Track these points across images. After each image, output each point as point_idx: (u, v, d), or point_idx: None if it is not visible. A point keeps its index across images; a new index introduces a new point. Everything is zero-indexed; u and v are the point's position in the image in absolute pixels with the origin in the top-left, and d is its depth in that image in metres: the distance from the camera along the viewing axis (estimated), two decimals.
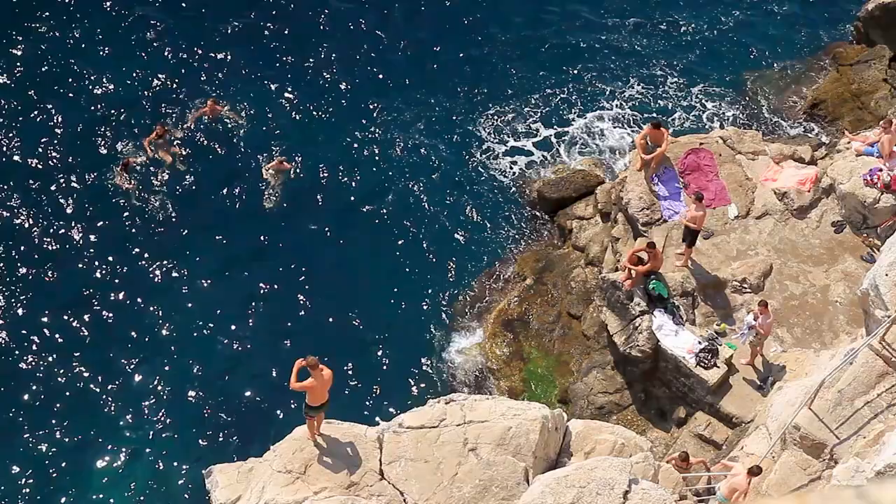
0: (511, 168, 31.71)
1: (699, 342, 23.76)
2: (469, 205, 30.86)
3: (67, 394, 26.49)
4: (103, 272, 28.56)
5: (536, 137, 32.41)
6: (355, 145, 31.85)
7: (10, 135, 30.87)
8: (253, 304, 28.48)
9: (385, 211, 30.54)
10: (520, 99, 33.28)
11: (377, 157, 31.66)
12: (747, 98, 33.30)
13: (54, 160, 30.46)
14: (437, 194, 30.99)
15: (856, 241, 25.89)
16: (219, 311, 28.23)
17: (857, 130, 29.21)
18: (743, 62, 34.24)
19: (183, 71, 32.86)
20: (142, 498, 25.01)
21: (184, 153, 30.69)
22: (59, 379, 26.65)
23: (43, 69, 32.36)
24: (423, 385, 27.32)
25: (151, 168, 30.39)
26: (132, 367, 27.06)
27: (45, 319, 27.62)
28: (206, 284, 28.65)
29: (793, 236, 26.14)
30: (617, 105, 33.19)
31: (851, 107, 31.34)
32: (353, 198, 30.66)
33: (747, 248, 25.85)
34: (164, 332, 27.75)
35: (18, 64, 32.41)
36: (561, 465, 18.79)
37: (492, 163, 31.80)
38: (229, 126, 31.55)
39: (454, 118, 32.77)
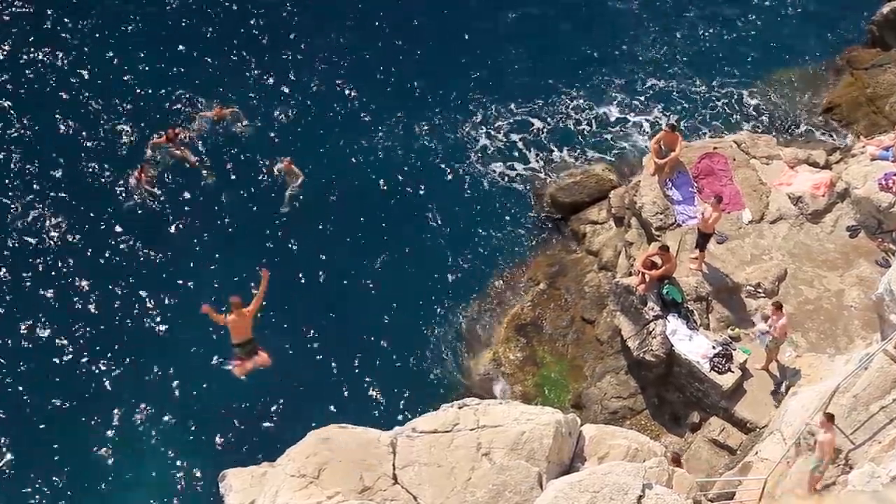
0: (523, 173, 31.66)
1: (713, 347, 23.69)
2: (482, 209, 30.83)
3: (80, 397, 26.57)
4: (115, 274, 28.65)
5: (549, 142, 32.36)
6: (362, 149, 31.84)
7: (18, 137, 31.13)
8: (266, 307, 28.45)
9: (396, 214, 30.53)
10: (531, 103, 33.22)
11: (385, 161, 31.65)
12: (761, 102, 33.18)
13: (61, 161, 30.68)
14: (448, 199, 30.98)
15: (871, 246, 25.81)
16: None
17: (871, 135, 29.12)
18: (757, 66, 34.13)
19: (190, 75, 32.95)
20: (154, 501, 25.10)
21: (193, 157, 30.75)
22: (71, 382, 26.74)
23: (47, 71, 32.59)
24: (436, 390, 27.28)
25: (162, 171, 30.49)
26: (144, 370, 27.11)
27: (57, 320, 27.76)
28: (218, 288, 28.64)
29: (807, 241, 26.06)
30: (630, 109, 33.14)
31: (866, 111, 31.24)
32: (362, 201, 30.65)
33: (762, 253, 25.78)
34: (176, 335, 27.79)
35: (28, 67, 32.65)
36: (574, 471, 18.70)
37: (504, 167, 31.77)
38: (236, 130, 31.61)
39: (464, 121, 32.75)
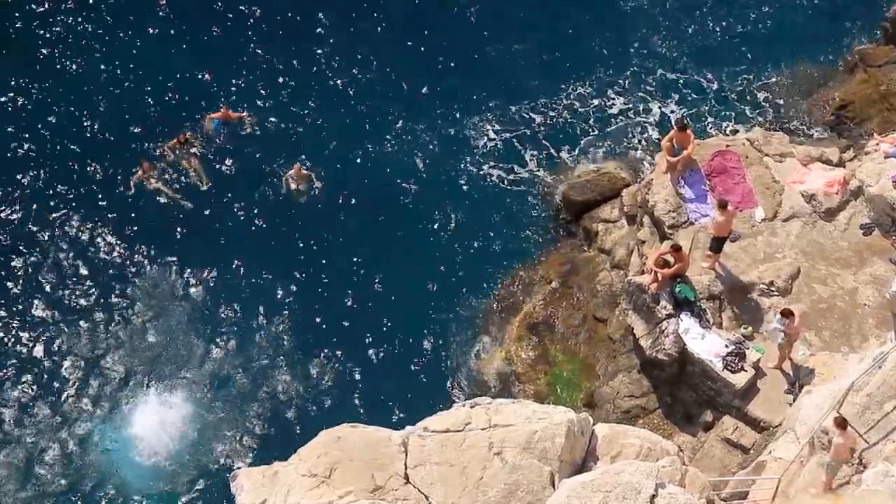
0: (534, 171, 31.61)
1: (726, 346, 23.58)
2: (493, 208, 30.81)
3: (91, 397, 26.73)
4: (128, 276, 28.81)
5: (560, 140, 32.29)
6: (372, 151, 31.85)
7: (28, 133, 31.35)
8: (277, 309, 28.56)
9: (407, 215, 30.56)
10: (541, 103, 33.12)
11: (396, 162, 31.66)
12: (774, 100, 33.05)
13: (70, 164, 30.91)
14: (459, 198, 30.97)
15: (884, 244, 25.66)
16: (242, 317, 28.36)
17: (885, 132, 28.94)
18: (770, 64, 33.96)
19: (199, 78, 33.06)
20: (166, 501, 25.17)
21: (203, 163, 30.78)
22: (81, 383, 26.90)
23: (57, 73, 32.79)
24: (447, 389, 27.33)
25: (172, 174, 30.53)
26: (156, 371, 27.22)
27: (65, 319, 27.94)
28: (229, 290, 28.79)
29: (821, 239, 25.93)
30: (642, 107, 33.04)
31: (880, 108, 31.03)
32: (373, 203, 30.67)
33: (774, 251, 25.67)
34: (185, 337, 27.90)
35: (37, 69, 32.80)
36: (587, 470, 18.68)
37: (514, 166, 31.72)
38: (244, 133, 31.64)
39: (472, 121, 32.67)
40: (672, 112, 32.73)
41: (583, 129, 32.57)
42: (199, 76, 33.05)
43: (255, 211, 30.24)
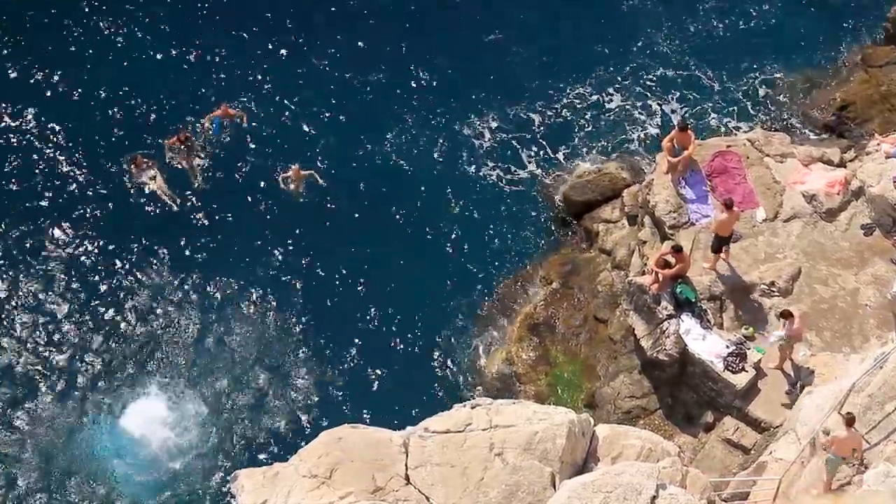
0: (536, 172, 31.57)
1: (727, 346, 23.56)
2: (494, 209, 30.77)
3: (91, 398, 26.74)
4: (121, 276, 28.81)
5: (560, 140, 32.25)
6: (372, 150, 31.81)
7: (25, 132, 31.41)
8: (277, 309, 28.52)
9: (408, 216, 30.52)
10: (542, 103, 33.07)
11: (396, 162, 31.61)
12: (775, 100, 33.00)
13: (67, 162, 30.91)
14: (461, 198, 30.93)
15: (885, 244, 25.65)
16: (242, 317, 28.34)
17: (886, 132, 28.91)
18: (771, 64, 33.90)
19: (198, 77, 33.02)
20: (167, 502, 25.17)
21: (203, 162, 30.75)
22: (80, 383, 26.92)
23: (54, 72, 32.76)
24: (448, 389, 27.31)
25: (171, 173, 30.50)
26: (155, 371, 27.19)
27: (61, 319, 27.97)
28: (228, 290, 28.76)
29: (822, 239, 25.92)
30: (642, 105, 32.98)
31: (881, 108, 31.01)
32: (373, 203, 30.64)
33: (775, 252, 25.65)
34: (184, 337, 27.89)
35: (34, 68, 32.81)
36: (588, 471, 18.66)
37: (515, 167, 31.68)
38: (243, 132, 31.57)
39: (474, 122, 32.61)
40: (673, 111, 32.70)
41: (583, 128, 32.52)
42: (198, 74, 32.99)
43: (254, 211, 30.21)
